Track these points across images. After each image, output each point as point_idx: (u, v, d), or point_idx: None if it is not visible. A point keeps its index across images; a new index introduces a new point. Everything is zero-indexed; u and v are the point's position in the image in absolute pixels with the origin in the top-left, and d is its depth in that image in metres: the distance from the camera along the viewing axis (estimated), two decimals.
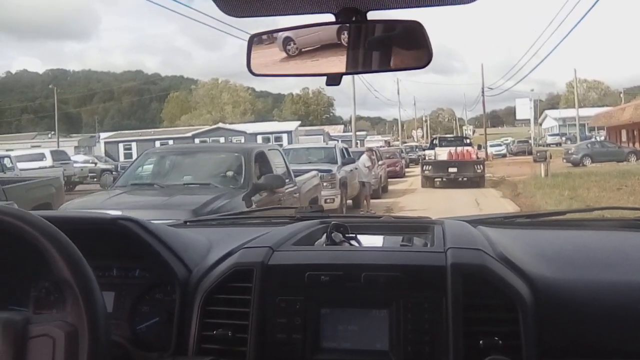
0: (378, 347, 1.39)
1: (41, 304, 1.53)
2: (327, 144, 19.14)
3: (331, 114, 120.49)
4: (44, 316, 1.28)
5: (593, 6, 21.58)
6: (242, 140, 47.42)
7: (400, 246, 1.67)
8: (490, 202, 17.44)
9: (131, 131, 59.73)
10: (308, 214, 2.36)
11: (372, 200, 16.84)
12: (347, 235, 1.74)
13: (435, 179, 24.00)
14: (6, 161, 20.37)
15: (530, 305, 1.37)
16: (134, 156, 47.09)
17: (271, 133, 50.24)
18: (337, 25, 1.36)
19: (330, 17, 1.36)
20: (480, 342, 1.32)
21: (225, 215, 2.78)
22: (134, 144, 50.17)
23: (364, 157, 16.63)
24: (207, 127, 55.43)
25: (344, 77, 1.40)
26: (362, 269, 1.42)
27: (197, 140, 48.67)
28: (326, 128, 69.21)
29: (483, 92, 52.24)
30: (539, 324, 1.36)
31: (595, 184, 19.78)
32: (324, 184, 14.69)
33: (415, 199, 20.13)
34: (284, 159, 10.03)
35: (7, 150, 32.01)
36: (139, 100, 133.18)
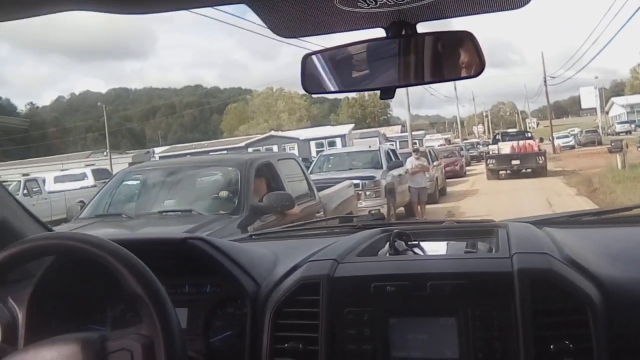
0: (448, 355, 1.37)
1: (118, 323, 1.59)
2: (370, 146, 16.81)
3: (388, 115, 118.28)
4: (120, 332, 1.31)
5: None
6: (296, 148, 45.72)
7: (464, 253, 1.66)
8: (565, 201, 15.13)
9: (186, 144, 58.60)
10: (369, 223, 2.36)
11: (428, 206, 15.19)
12: (409, 243, 1.73)
13: (500, 172, 25.26)
14: (33, 184, 18.77)
15: (600, 307, 1.34)
16: None
17: (324, 138, 48.26)
18: (388, 40, 1.37)
19: (381, 32, 1.37)
20: (551, 346, 1.31)
21: (288, 227, 2.79)
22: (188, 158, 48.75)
23: (410, 160, 14.15)
24: (259, 136, 53.45)
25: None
26: (427, 278, 1.41)
27: (250, 149, 47.08)
28: (382, 129, 66.73)
29: (545, 81, 49.93)
30: (609, 325, 1.33)
31: None
32: (367, 192, 12.36)
33: (477, 202, 17.74)
34: (302, 170, 7.74)
35: (62, 169, 30.83)
36: (200, 113, 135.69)
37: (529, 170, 24.80)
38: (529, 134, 30.98)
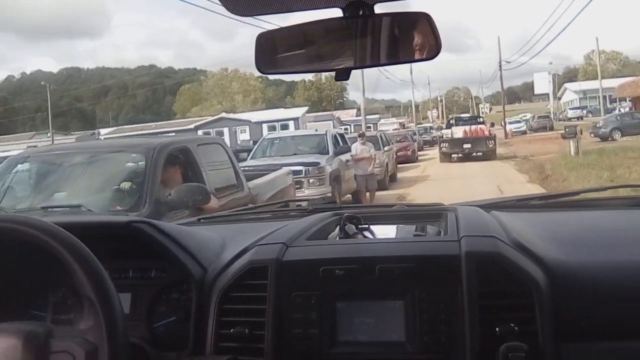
0: (395, 338, 1.38)
1: (59, 308, 1.57)
2: (316, 130, 15.85)
3: (345, 99, 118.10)
4: (65, 329, 1.31)
5: None
6: (247, 130, 44.62)
7: (413, 236, 1.67)
8: (516, 189, 14.91)
9: (133, 125, 56.75)
10: (321, 206, 2.33)
11: (377, 193, 14.71)
12: (360, 226, 1.73)
13: (452, 155, 27.26)
14: None
15: (546, 290, 1.36)
16: None
17: (277, 121, 47.16)
18: (345, 20, 1.35)
19: (338, 12, 1.35)
20: (497, 329, 1.32)
21: (238, 211, 2.77)
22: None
23: (355, 145, 13.33)
24: (209, 118, 51.93)
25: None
26: (376, 262, 1.42)
27: (200, 132, 45.78)
28: (337, 113, 65.96)
29: (500, 65, 49.87)
30: (555, 308, 1.35)
31: (635, 162, 17.40)
32: (310, 180, 11.41)
33: (427, 189, 17.64)
34: (229, 157, 6.71)
35: (2, 151, 29.03)
36: (153, 94, 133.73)
37: (479, 153, 26.72)
38: (481, 119, 33.40)
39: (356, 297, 1.43)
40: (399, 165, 24.11)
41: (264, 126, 46.48)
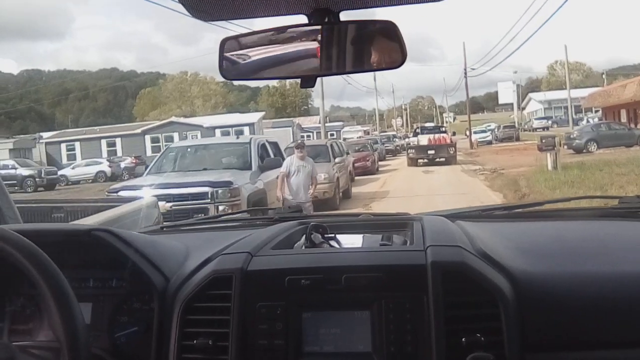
0: (361, 348, 1.37)
1: (18, 318, 1.52)
2: (237, 138, 12.31)
3: (310, 105, 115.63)
4: (23, 347, 1.29)
5: None
6: (199, 136, 41.08)
7: (380, 245, 1.67)
8: None
9: (76, 129, 52.66)
10: (286, 215, 2.30)
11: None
12: (326, 235, 1.73)
13: (418, 160, 30.18)
14: None
15: (512, 300, 1.37)
16: (78, 158, 41.07)
17: (231, 126, 43.35)
18: (310, 27, 1.35)
19: (303, 19, 1.36)
20: (463, 339, 1.31)
21: (203, 219, 2.80)
22: (77, 144, 43.83)
23: (289, 160, 9.77)
24: (157, 122, 48.09)
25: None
26: (342, 271, 1.40)
27: (147, 137, 41.88)
28: (299, 119, 62.54)
29: (465, 72, 47.52)
30: (520, 318, 1.36)
31: (628, 180, 15.10)
32: (219, 207, 7.74)
33: (386, 209, 13.78)
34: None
35: None
36: (115, 97, 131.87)
37: (442, 159, 29.79)
38: (444, 129, 36.88)
39: (322, 307, 1.41)
40: (357, 178, 22.58)
41: (217, 132, 42.96)
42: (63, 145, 45.98)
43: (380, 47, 1.34)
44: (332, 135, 58.96)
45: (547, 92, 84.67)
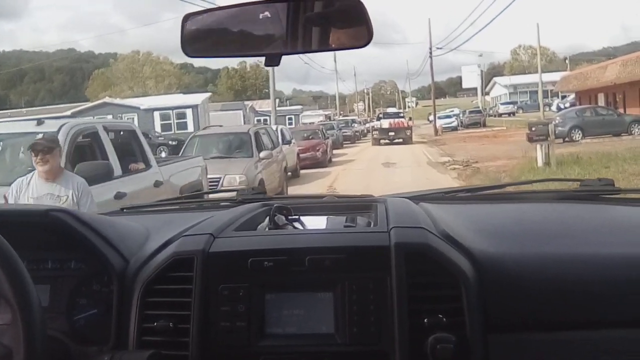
0: (324, 330, 1.37)
1: None
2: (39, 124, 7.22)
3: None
4: None
5: None
6: (136, 119, 35.67)
7: (343, 227, 1.66)
8: None
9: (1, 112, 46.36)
10: (250, 197, 2.26)
11: None
12: (290, 217, 1.71)
13: (381, 140, 35.94)
14: None
15: (473, 281, 1.37)
16: None
17: (171, 108, 38.39)
18: (275, 4, 1.33)
19: None
20: (425, 320, 1.32)
21: (164, 201, 2.65)
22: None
23: (18, 184, 5.41)
24: (88, 104, 42.31)
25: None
26: (306, 253, 1.39)
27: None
28: (254, 102, 57.09)
29: (431, 52, 43.87)
30: (482, 299, 1.36)
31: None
32: None
33: None
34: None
35: None
36: (71, 79, 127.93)
37: (400, 139, 35.47)
38: (402, 114, 42.74)
39: (285, 289, 1.40)
40: (303, 172, 19.30)
41: (156, 114, 37.79)
42: None
43: (346, 25, 1.32)
44: (289, 119, 54.20)
45: (513, 76, 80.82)
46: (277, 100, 65.53)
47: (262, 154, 12.10)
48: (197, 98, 41.29)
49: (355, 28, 1.30)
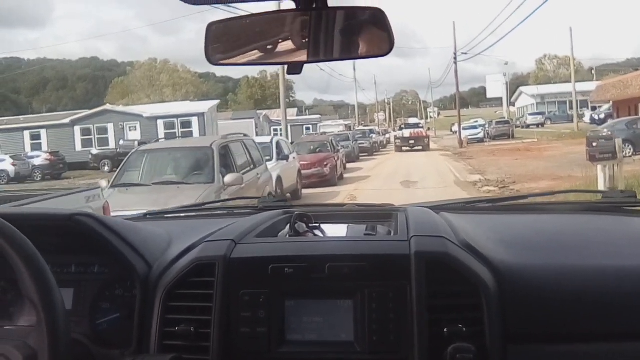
0: (343, 337, 1.36)
1: None
2: None
3: (291, 99, 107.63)
4: (4, 331, 1.30)
5: None
6: (138, 127, 32.81)
7: (364, 235, 1.66)
8: None
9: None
10: (271, 204, 2.26)
11: None
12: (310, 225, 1.70)
13: (402, 147, 40.33)
14: None
15: (494, 291, 1.36)
16: None
17: (176, 116, 35.81)
18: (298, 13, 1.34)
19: (291, 5, 1.33)
20: (445, 329, 1.31)
21: (186, 207, 2.65)
22: None
23: None
24: (88, 111, 40.05)
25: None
26: (326, 260, 1.39)
27: (77, 128, 33.52)
28: (268, 111, 54.00)
29: (455, 57, 41.34)
30: (502, 310, 1.35)
31: None
32: None
33: None
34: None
35: None
36: (94, 87, 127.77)
37: (419, 147, 39.23)
38: (421, 125, 48.23)
39: (305, 296, 1.40)
40: (307, 192, 15.74)
41: (160, 122, 35.24)
42: None
43: (368, 34, 1.33)
44: (307, 129, 51.20)
45: (540, 86, 76.39)
46: (297, 110, 61.82)
47: (227, 179, 8.87)
48: (204, 106, 38.62)
49: (377, 36, 1.30)
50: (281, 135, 23.58)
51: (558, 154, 18.75)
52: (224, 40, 1.35)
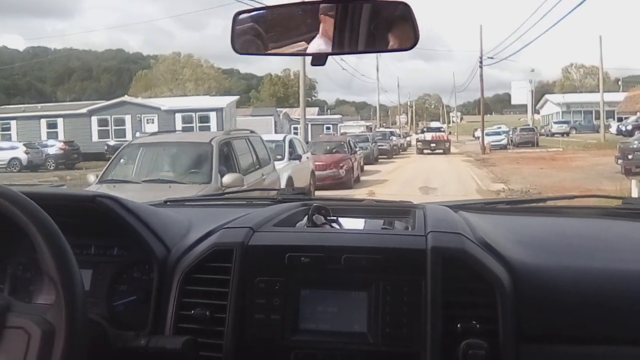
0: (356, 328, 1.37)
1: (18, 280, 1.53)
2: None
3: (313, 98, 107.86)
4: (24, 305, 1.26)
5: None
6: (156, 120, 32.41)
7: (381, 229, 1.67)
8: None
9: (14, 106, 43.79)
10: (290, 196, 2.29)
11: None
12: (328, 217, 1.71)
13: (424, 150, 41.48)
14: None
15: (509, 290, 1.37)
16: (14, 138, 32.54)
17: (194, 111, 35.10)
18: (324, 4, 1.34)
19: None
20: (458, 325, 1.32)
21: (206, 196, 2.79)
22: (13, 123, 35.87)
23: None
24: (105, 102, 39.76)
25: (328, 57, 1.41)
26: (342, 251, 1.40)
27: (94, 118, 33.13)
28: (289, 109, 53.05)
29: (481, 60, 40.91)
30: (517, 309, 1.36)
31: None
32: None
33: None
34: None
35: None
36: (118, 79, 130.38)
37: (440, 150, 40.63)
38: (442, 129, 49.82)
39: (320, 286, 1.40)
40: (319, 194, 13.40)
41: (177, 116, 34.70)
42: None
43: (393, 27, 1.33)
44: (327, 129, 50.48)
45: (566, 94, 74.75)
46: (317, 109, 61.09)
47: (226, 179, 7.85)
48: (222, 101, 38.13)
49: (402, 30, 1.31)
50: (296, 134, 22.79)
51: (585, 165, 17.79)
52: (249, 30, 1.36)
